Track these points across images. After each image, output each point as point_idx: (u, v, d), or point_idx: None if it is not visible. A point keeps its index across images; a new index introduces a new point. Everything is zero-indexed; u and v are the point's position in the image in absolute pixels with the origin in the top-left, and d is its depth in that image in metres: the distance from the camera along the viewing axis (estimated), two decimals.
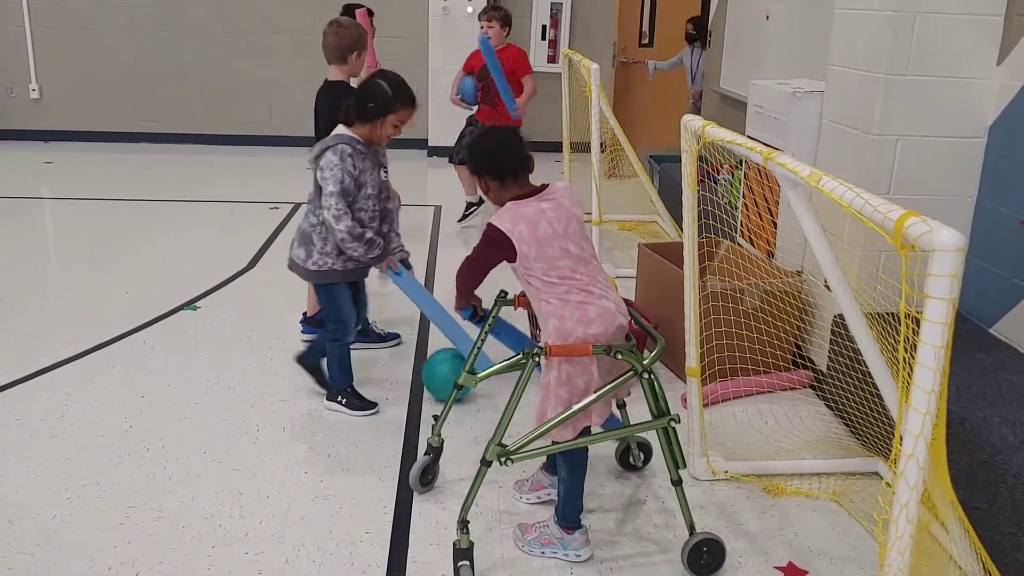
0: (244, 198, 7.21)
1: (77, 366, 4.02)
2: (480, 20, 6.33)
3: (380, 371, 4.05)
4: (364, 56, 4.17)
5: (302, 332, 4.41)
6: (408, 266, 3.60)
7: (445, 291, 3.01)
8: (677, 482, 2.69)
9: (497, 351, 3.34)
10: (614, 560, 2.76)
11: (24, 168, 8.17)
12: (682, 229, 3.20)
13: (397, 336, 4.37)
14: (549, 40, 9.16)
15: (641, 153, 6.76)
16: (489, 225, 2.59)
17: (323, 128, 4.10)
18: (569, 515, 2.74)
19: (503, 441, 2.58)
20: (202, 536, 2.82)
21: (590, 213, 5.64)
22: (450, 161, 6.47)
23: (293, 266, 3.53)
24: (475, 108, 6.37)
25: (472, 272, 2.74)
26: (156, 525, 2.87)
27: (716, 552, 2.70)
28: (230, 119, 9.23)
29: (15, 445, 3.31)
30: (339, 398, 3.63)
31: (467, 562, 2.57)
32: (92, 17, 8.96)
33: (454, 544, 2.62)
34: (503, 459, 2.57)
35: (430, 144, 9.04)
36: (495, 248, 2.59)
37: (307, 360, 3.78)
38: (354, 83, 4.32)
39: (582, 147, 6.30)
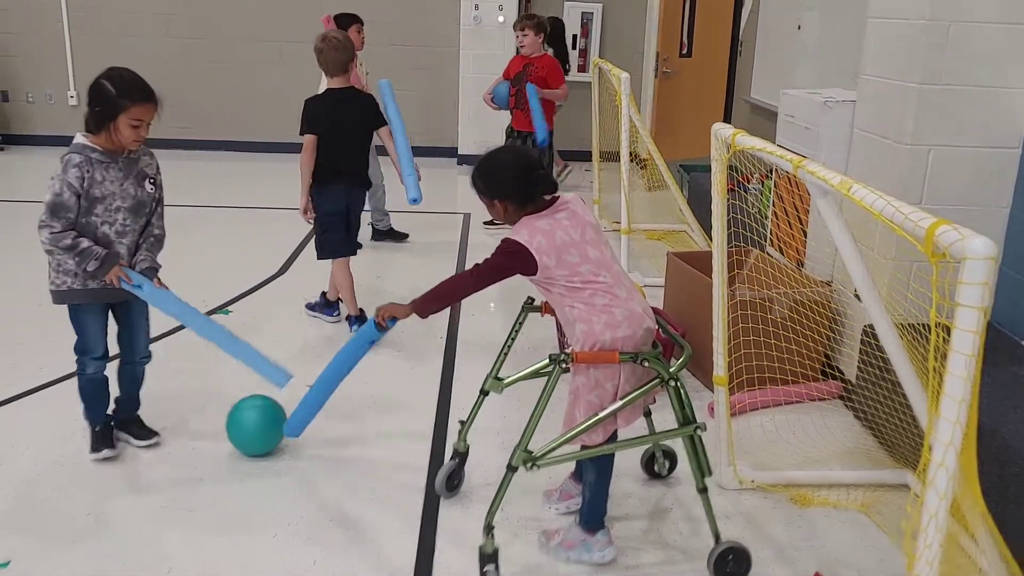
0: (276, 204, 7.28)
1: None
2: (515, 29, 6.46)
3: (406, 377, 4.07)
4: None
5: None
6: (151, 277, 3.16)
7: (474, 303, 2.95)
8: (703, 490, 2.68)
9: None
10: (639, 567, 2.75)
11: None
12: (711, 238, 3.19)
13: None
14: (580, 49, 9.18)
15: (672, 164, 6.75)
16: (506, 240, 2.57)
17: (368, 138, 4.54)
18: (593, 519, 2.75)
19: (529, 447, 2.59)
20: (231, 533, 2.85)
21: (618, 222, 5.65)
22: None
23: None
24: (508, 113, 6.49)
25: (478, 283, 2.61)
26: (186, 523, 2.90)
27: (742, 560, 2.69)
28: (262, 126, 9.32)
29: (51, 443, 3.37)
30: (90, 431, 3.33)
31: (493, 566, 2.58)
32: (129, 25, 9.10)
33: (480, 548, 2.62)
34: (529, 464, 2.57)
35: (460, 152, 9.09)
36: (512, 261, 2.55)
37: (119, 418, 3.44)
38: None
39: (611, 156, 6.32)
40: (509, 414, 3.67)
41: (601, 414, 2.57)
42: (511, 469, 2.58)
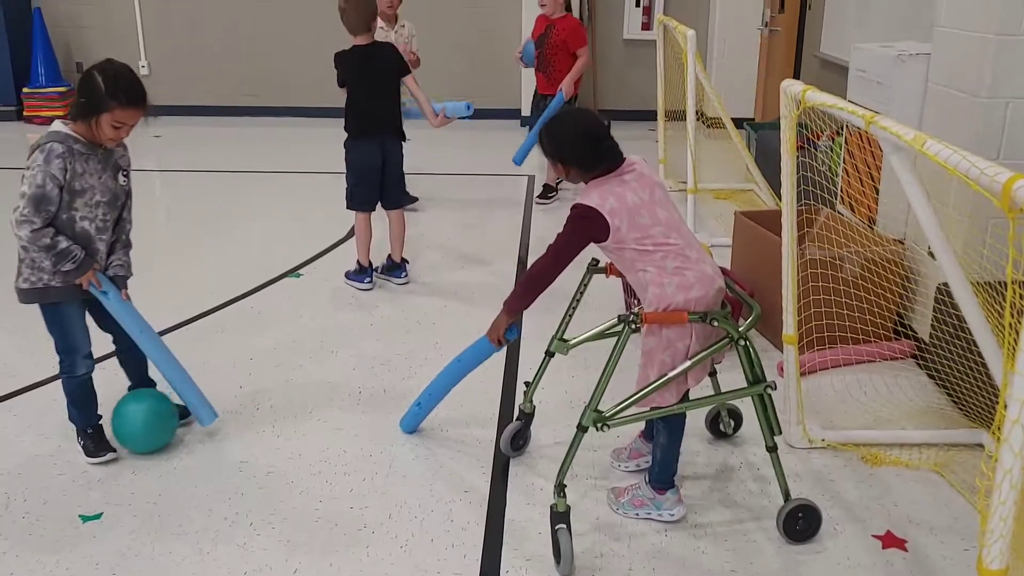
0: (343, 169, 7.36)
1: (188, 329, 4.21)
2: None
3: (472, 336, 4.12)
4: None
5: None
6: (121, 286, 3.05)
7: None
8: (772, 449, 2.69)
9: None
10: (708, 526, 2.78)
11: (134, 141, 8.41)
12: (780, 196, 3.16)
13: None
14: (643, 7, 9.05)
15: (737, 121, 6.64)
16: (577, 205, 2.56)
17: (396, 87, 4.73)
18: (663, 478, 2.78)
19: (599, 407, 2.60)
20: (310, 490, 2.95)
21: (684, 182, 5.61)
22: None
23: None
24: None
25: (558, 261, 2.60)
26: (267, 479, 3.01)
27: (812, 518, 2.69)
28: (331, 92, 9.39)
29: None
30: (79, 438, 3.13)
31: (564, 525, 2.58)
32: None
33: (551, 508, 2.63)
34: (599, 425, 2.58)
35: (523, 114, 9.06)
36: (586, 227, 2.54)
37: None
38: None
39: (677, 115, 6.25)
40: (577, 374, 3.71)
41: (671, 374, 2.58)
42: (581, 429, 2.60)
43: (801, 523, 2.69)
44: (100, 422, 3.16)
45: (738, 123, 6.66)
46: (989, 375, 2.85)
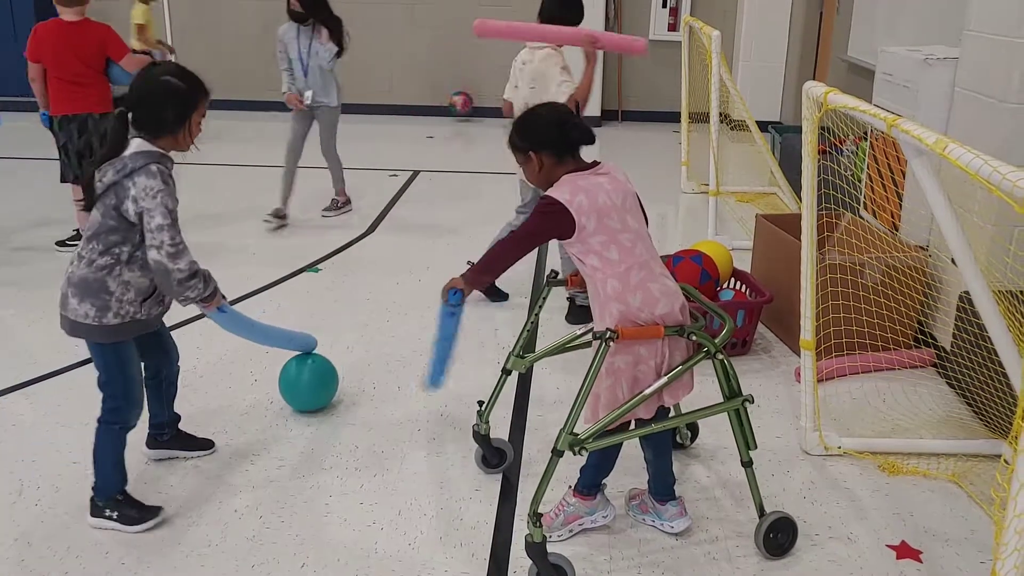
0: (365, 165, 7.39)
1: (208, 322, 4.21)
2: None
3: (494, 335, 4.12)
4: None
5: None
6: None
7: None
8: (748, 464, 2.61)
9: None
10: (719, 537, 2.75)
11: None
12: (802, 201, 3.13)
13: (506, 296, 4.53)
14: (670, 8, 9.00)
15: (763, 124, 6.59)
16: (545, 197, 2.45)
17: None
18: (660, 490, 2.74)
19: (574, 430, 2.44)
20: (320, 485, 2.95)
21: (706, 184, 5.57)
22: (63, 181, 5.17)
23: (75, 329, 2.59)
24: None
25: (518, 248, 2.53)
26: (278, 473, 3.02)
27: (788, 530, 2.65)
28: (353, 89, 9.40)
29: None
30: (107, 511, 2.70)
31: (544, 558, 2.45)
32: None
33: (527, 539, 2.45)
34: (576, 449, 2.44)
35: None
36: (551, 221, 2.44)
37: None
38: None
39: (702, 117, 6.21)
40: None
41: (647, 391, 2.45)
42: (557, 454, 2.43)
43: (780, 536, 2.64)
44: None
45: (763, 126, 6.62)
46: (1010, 385, 2.81)
